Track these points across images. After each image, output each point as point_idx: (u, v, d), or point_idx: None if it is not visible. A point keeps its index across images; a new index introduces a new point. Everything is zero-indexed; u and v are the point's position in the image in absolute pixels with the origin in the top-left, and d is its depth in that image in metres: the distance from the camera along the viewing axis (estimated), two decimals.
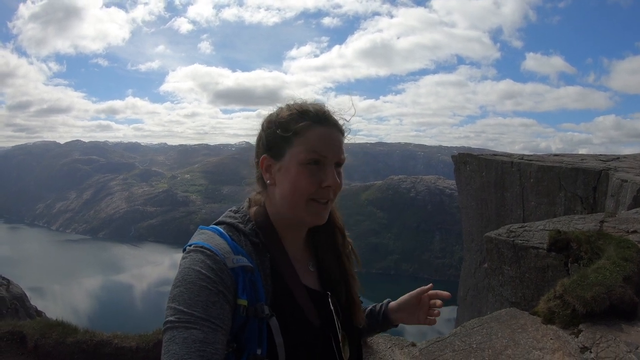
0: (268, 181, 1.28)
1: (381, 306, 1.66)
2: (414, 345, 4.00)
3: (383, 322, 1.64)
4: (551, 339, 3.55)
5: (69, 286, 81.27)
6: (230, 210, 1.32)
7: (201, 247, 1.11)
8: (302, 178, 1.20)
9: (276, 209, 1.28)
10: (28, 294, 10.38)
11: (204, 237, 1.16)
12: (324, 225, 1.34)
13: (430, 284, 1.60)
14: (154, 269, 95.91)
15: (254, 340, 1.08)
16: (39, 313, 10.12)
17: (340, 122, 1.32)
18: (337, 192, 1.27)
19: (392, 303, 1.64)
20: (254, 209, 1.33)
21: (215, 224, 1.24)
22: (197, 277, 1.05)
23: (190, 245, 1.15)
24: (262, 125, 1.33)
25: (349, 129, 1.35)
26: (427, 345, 3.84)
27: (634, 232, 5.31)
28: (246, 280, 1.11)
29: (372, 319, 1.65)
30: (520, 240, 5.85)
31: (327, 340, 1.25)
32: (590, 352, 3.24)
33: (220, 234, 1.17)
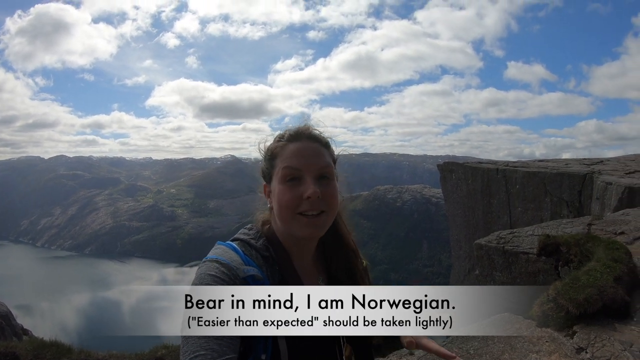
0: (269, 205, 1.40)
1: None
2: (412, 354, 4.01)
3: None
4: (547, 341, 3.60)
5: (56, 303, 79.52)
6: (246, 228, 1.43)
7: (215, 259, 1.21)
8: (283, 195, 1.29)
9: (278, 227, 1.37)
10: (14, 312, 10.17)
11: (218, 251, 1.27)
12: (335, 243, 1.47)
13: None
14: (142, 284, 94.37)
15: (260, 345, 1.17)
16: (25, 331, 9.92)
17: (325, 134, 1.41)
18: (330, 203, 1.31)
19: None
20: (266, 227, 1.42)
21: (231, 241, 1.35)
22: (212, 280, 1.16)
23: (205, 259, 1.24)
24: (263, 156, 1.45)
25: (331, 139, 1.42)
26: (425, 354, 3.84)
27: (622, 233, 5.43)
28: None
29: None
30: (510, 246, 5.93)
31: (331, 349, 1.31)
32: (586, 352, 3.29)
33: (234, 249, 1.28)
